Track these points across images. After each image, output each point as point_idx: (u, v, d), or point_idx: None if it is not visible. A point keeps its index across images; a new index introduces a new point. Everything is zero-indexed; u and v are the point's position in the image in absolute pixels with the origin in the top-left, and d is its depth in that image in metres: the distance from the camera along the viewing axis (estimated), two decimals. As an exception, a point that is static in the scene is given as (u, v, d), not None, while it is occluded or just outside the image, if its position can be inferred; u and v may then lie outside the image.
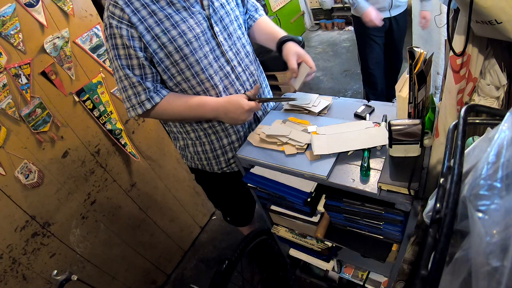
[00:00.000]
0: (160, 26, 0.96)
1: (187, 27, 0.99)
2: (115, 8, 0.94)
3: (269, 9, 4.20)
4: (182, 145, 1.28)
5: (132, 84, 1.00)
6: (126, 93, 1.03)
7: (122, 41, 0.95)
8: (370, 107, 1.13)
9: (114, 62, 1.00)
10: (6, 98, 1.24)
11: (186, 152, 1.30)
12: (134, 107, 1.04)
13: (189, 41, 0.99)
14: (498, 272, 0.31)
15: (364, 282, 1.39)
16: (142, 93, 1.01)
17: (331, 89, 3.52)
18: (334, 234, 1.16)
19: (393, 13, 2.20)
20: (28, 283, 1.41)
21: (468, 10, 0.54)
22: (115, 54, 0.98)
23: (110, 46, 0.98)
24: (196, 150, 1.24)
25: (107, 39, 0.99)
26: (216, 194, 1.51)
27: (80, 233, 1.59)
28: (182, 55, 0.99)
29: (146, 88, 1.01)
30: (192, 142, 1.23)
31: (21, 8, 1.24)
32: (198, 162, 1.29)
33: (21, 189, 1.34)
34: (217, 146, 1.21)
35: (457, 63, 0.68)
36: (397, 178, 0.83)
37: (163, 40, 0.97)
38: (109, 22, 0.95)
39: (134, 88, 1.01)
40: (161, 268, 2.09)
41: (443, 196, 0.40)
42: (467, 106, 0.48)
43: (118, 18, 0.93)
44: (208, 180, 1.39)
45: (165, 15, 0.96)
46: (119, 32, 0.94)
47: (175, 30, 0.97)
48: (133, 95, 1.02)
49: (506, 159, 0.35)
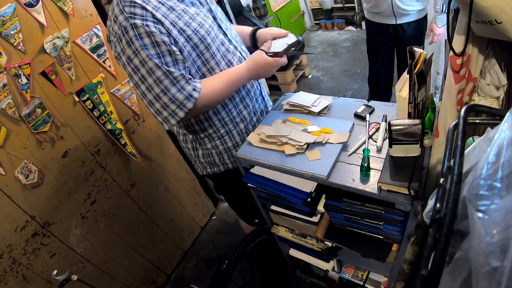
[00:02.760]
0: (182, 19, 0.97)
1: (201, 18, 1.03)
2: (134, 8, 0.89)
3: (269, 9, 4.20)
4: (210, 148, 1.22)
5: (175, 79, 0.94)
6: (169, 94, 0.95)
7: (151, 39, 0.90)
8: (370, 107, 1.13)
9: (148, 64, 0.91)
10: (6, 98, 1.24)
11: (213, 156, 1.24)
12: (181, 105, 0.96)
13: (207, 31, 1.03)
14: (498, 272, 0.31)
15: (364, 282, 1.39)
16: (187, 85, 0.96)
17: (331, 89, 3.52)
18: (334, 234, 1.16)
19: (399, 21, 2.11)
20: (28, 283, 1.41)
21: (468, 10, 0.54)
22: (148, 55, 0.90)
23: (137, 48, 0.90)
24: (227, 147, 1.22)
25: (129, 44, 0.91)
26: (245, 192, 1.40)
27: (80, 233, 1.59)
28: (206, 45, 1.02)
29: (188, 79, 0.97)
30: (222, 140, 1.20)
31: (21, 8, 1.24)
32: (229, 160, 1.25)
33: (21, 189, 1.34)
34: (245, 134, 1.22)
35: (457, 63, 0.68)
36: (397, 178, 0.83)
37: (188, 32, 0.98)
38: (132, 22, 0.89)
39: (177, 84, 0.95)
40: (161, 268, 2.09)
41: (443, 196, 0.40)
42: (467, 106, 0.48)
43: (141, 16, 0.89)
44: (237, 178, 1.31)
45: (182, 9, 0.99)
46: (147, 29, 0.89)
47: (194, 22, 1.00)
48: (178, 92, 0.95)
49: (506, 159, 0.35)
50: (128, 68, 0.95)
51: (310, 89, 3.64)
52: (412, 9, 2.04)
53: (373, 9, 2.18)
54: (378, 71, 2.52)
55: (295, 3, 4.77)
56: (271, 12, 4.23)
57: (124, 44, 0.92)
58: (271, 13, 4.24)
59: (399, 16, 2.09)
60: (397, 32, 2.18)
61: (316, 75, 3.88)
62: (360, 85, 3.38)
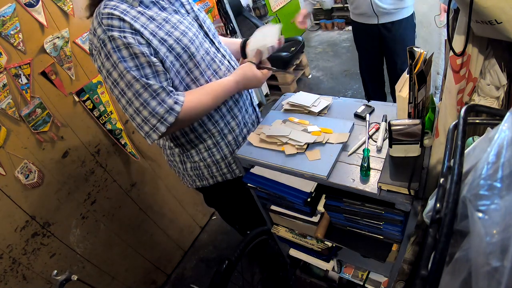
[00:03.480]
0: (162, 29, 0.94)
1: (185, 27, 0.99)
2: (111, 20, 0.86)
3: (269, 9, 4.20)
4: (197, 160, 1.17)
5: (154, 92, 0.90)
6: (149, 107, 0.90)
7: (129, 51, 0.87)
8: (370, 107, 1.13)
9: (126, 77, 0.88)
10: (6, 98, 1.24)
11: (201, 169, 1.20)
12: (162, 119, 0.92)
13: (191, 39, 0.99)
14: (498, 272, 0.31)
15: (364, 282, 1.39)
16: (168, 98, 0.91)
17: (331, 89, 3.52)
18: (334, 234, 1.16)
19: (382, 21, 2.09)
20: (28, 283, 1.41)
21: (468, 10, 0.54)
22: (125, 67, 0.87)
23: (115, 61, 0.87)
24: (215, 160, 1.18)
25: (107, 57, 0.88)
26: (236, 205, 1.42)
27: (80, 233, 1.59)
28: (189, 54, 0.98)
29: (170, 92, 0.92)
30: (209, 152, 1.16)
31: (21, 8, 1.24)
32: (217, 174, 1.22)
33: (21, 189, 1.34)
34: (234, 146, 1.18)
35: (457, 63, 0.68)
36: (397, 178, 0.83)
37: (170, 42, 0.94)
38: (109, 35, 0.86)
39: (157, 97, 0.90)
40: (161, 268, 2.09)
41: (443, 196, 0.40)
42: (467, 106, 0.48)
43: (119, 28, 0.87)
44: (229, 189, 1.30)
45: (163, 19, 0.95)
46: (125, 41, 0.86)
47: (177, 31, 0.96)
48: (159, 105, 0.90)
49: (506, 159, 0.35)
50: (108, 82, 0.92)
51: (310, 89, 3.64)
52: (394, 7, 2.01)
53: (355, 10, 2.18)
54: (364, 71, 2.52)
55: (295, 3, 4.77)
56: (271, 12, 4.23)
57: (103, 57, 0.89)
58: (271, 13, 4.24)
59: (381, 16, 2.07)
60: (380, 32, 2.16)
61: (316, 75, 3.88)
62: (360, 85, 3.37)
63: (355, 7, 2.15)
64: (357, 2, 2.09)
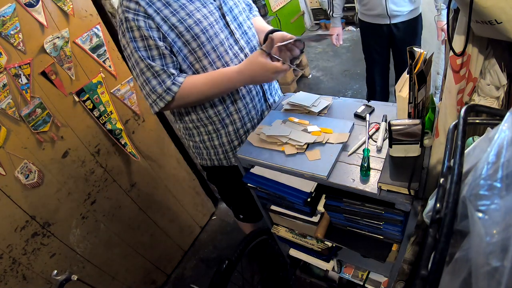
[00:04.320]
0: (176, 15, 0.98)
1: (201, 15, 1.02)
2: (129, 2, 0.95)
3: (269, 9, 4.20)
4: (198, 141, 1.26)
5: (156, 73, 1.00)
6: (150, 85, 1.01)
7: (140, 33, 0.96)
8: (370, 107, 1.13)
9: (134, 55, 0.99)
10: (6, 98, 1.24)
11: (201, 149, 1.29)
12: (161, 97, 1.02)
13: (205, 29, 1.02)
14: (498, 272, 0.31)
15: (364, 282, 1.39)
16: (167, 79, 1.01)
17: (331, 89, 3.52)
18: (334, 234, 1.16)
19: (393, 21, 2.13)
20: (28, 283, 1.41)
21: (468, 10, 0.54)
22: (134, 47, 0.98)
23: (128, 40, 0.98)
24: (213, 144, 1.24)
25: (123, 34, 0.99)
26: (232, 190, 1.49)
27: (80, 233, 1.59)
28: (199, 43, 1.02)
29: (171, 74, 1.01)
30: (209, 136, 1.22)
31: (21, 8, 1.24)
32: (215, 158, 1.29)
33: (21, 189, 1.34)
34: (233, 137, 1.22)
35: (457, 63, 0.68)
36: (397, 178, 0.83)
37: (180, 29, 0.99)
38: (125, 16, 0.96)
39: (158, 77, 1.00)
40: (161, 268, 2.09)
41: (443, 196, 0.40)
42: (467, 106, 0.48)
43: (134, 11, 0.95)
44: (224, 175, 1.38)
45: (179, 5, 0.99)
46: (136, 24, 0.95)
47: (191, 19, 1.00)
48: (158, 84, 1.01)
49: (506, 159, 0.35)
50: (125, 53, 1.04)
51: (310, 89, 3.64)
52: (406, 9, 2.05)
53: (367, 12, 2.19)
54: (373, 71, 2.53)
55: (295, 3, 4.76)
56: (271, 12, 4.23)
57: (121, 34, 1.01)
58: (271, 13, 4.24)
59: (393, 17, 2.11)
60: (391, 31, 2.19)
61: (316, 75, 3.88)
62: (360, 85, 3.38)
63: (368, 9, 2.15)
64: (371, 4, 2.10)
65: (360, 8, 2.25)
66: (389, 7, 2.03)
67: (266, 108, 1.28)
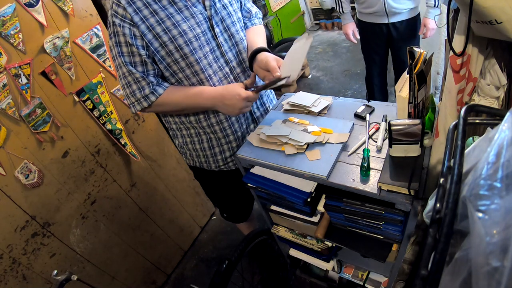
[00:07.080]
0: (161, 25, 0.98)
1: (187, 26, 1.00)
2: (118, 7, 0.96)
3: (269, 9, 4.20)
4: (181, 142, 1.30)
5: (136, 79, 1.03)
6: (130, 88, 1.05)
7: (125, 39, 0.98)
8: (370, 107, 1.13)
9: (118, 59, 1.02)
10: (6, 98, 1.24)
11: (184, 150, 1.32)
12: (139, 101, 1.06)
13: (189, 40, 1.01)
14: (498, 272, 0.31)
15: (364, 282, 1.39)
16: (146, 87, 1.03)
17: (331, 89, 3.52)
18: (334, 234, 1.16)
19: (392, 20, 2.11)
20: (28, 283, 1.41)
21: (468, 10, 0.54)
22: (118, 51, 1.01)
23: (113, 43, 1.01)
24: (195, 147, 1.27)
25: (110, 36, 1.01)
26: (213, 191, 1.54)
27: (80, 233, 1.59)
28: (182, 54, 1.02)
29: (150, 82, 1.03)
30: (191, 139, 1.25)
31: (21, 8, 1.24)
32: (197, 160, 1.32)
33: (21, 189, 1.34)
34: (215, 144, 1.23)
35: (457, 63, 0.68)
36: (397, 178, 0.83)
37: (164, 39, 0.99)
38: (113, 20, 0.98)
39: (138, 83, 1.03)
40: (161, 268, 2.09)
41: (443, 196, 0.40)
42: (467, 106, 0.48)
43: (121, 17, 0.96)
44: (205, 177, 1.42)
45: (166, 15, 0.98)
46: (121, 30, 0.97)
47: (175, 30, 0.99)
48: (138, 90, 1.04)
49: (506, 159, 0.35)
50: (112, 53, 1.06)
51: (310, 89, 3.64)
52: (405, 7, 2.04)
53: (365, 10, 2.17)
54: (372, 71, 2.52)
55: (295, 3, 4.76)
56: (271, 12, 4.23)
57: (109, 34, 1.03)
58: (271, 13, 4.24)
59: (391, 15, 2.09)
60: (389, 31, 2.18)
61: (316, 75, 3.88)
62: (360, 85, 3.38)
63: (366, 6, 2.14)
64: (369, 1, 2.09)
65: (358, 7, 2.24)
66: (387, 4, 2.01)
67: (252, 121, 1.27)
